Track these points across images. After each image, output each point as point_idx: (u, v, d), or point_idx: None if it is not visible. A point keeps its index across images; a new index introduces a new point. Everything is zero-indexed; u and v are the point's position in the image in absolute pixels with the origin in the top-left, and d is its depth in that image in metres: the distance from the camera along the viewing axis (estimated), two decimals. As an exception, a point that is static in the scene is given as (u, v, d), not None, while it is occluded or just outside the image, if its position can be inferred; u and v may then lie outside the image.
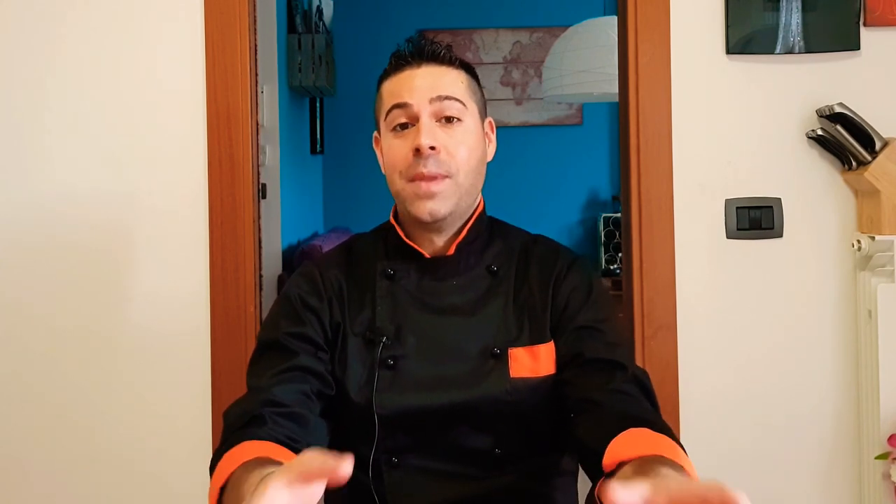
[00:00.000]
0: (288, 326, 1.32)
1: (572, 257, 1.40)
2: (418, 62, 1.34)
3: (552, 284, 1.35)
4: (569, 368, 1.28)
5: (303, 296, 1.35)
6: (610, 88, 3.63)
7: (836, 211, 1.94)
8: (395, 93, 1.33)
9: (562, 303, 1.34)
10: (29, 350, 1.94)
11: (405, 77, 1.33)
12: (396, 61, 1.36)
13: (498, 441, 1.29)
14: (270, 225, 3.72)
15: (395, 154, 1.32)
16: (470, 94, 1.36)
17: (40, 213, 1.94)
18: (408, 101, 1.31)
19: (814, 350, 1.94)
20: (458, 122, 1.32)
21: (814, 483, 1.94)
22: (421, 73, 1.33)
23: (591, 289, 1.36)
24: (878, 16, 1.91)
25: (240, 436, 1.14)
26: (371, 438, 1.28)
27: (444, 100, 1.31)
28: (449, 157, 1.30)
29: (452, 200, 1.31)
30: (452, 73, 1.35)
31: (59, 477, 1.94)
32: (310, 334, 1.32)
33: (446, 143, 1.30)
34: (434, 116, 1.31)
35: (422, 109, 1.30)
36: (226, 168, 1.92)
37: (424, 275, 1.36)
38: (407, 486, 1.30)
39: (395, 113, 1.32)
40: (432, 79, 1.32)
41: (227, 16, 1.92)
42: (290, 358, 1.27)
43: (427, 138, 1.28)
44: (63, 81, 1.94)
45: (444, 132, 1.31)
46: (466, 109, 1.33)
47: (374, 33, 5.23)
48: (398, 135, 1.33)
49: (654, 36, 1.93)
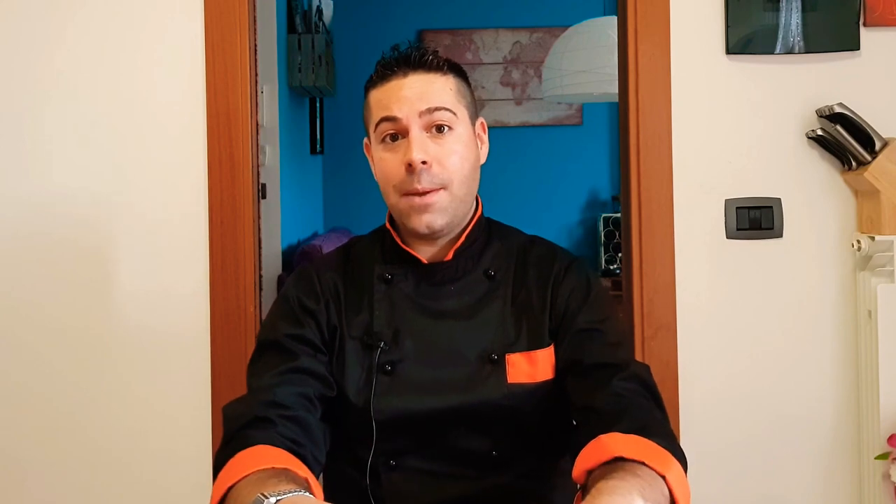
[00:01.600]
0: (287, 328, 1.32)
1: (569, 259, 1.40)
2: (405, 71, 1.32)
3: (550, 287, 1.35)
4: (570, 376, 1.28)
5: (300, 297, 1.35)
6: (610, 88, 3.63)
7: (836, 211, 1.94)
8: (383, 104, 1.31)
9: (561, 306, 1.33)
10: (28, 350, 1.94)
11: (392, 87, 1.31)
12: (383, 70, 1.33)
13: (495, 443, 1.29)
14: (270, 225, 3.72)
15: (388, 168, 1.31)
16: (459, 99, 1.34)
17: (40, 213, 1.94)
18: (396, 115, 1.29)
19: (814, 350, 1.94)
20: (448, 131, 1.31)
21: (814, 483, 1.94)
22: (408, 82, 1.31)
23: (590, 289, 1.36)
24: (878, 16, 1.91)
25: (248, 437, 1.15)
26: (369, 441, 1.28)
27: (434, 111, 1.29)
28: (441, 169, 1.29)
29: (448, 212, 1.31)
30: (440, 80, 1.32)
31: (59, 477, 1.94)
32: (308, 336, 1.31)
33: (438, 155, 1.29)
34: (424, 128, 1.30)
35: (411, 122, 1.29)
36: (226, 168, 1.92)
37: (422, 279, 1.35)
38: (404, 488, 1.30)
39: (385, 126, 1.31)
40: (420, 88, 1.30)
41: (227, 16, 1.92)
42: (291, 359, 1.27)
43: (418, 153, 1.27)
44: (63, 82, 1.93)
45: (434, 143, 1.30)
46: (457, 118, 1.32)
47: (374, 33, 5.23)
48: (388, 147, 1.31)
49: (654, 36, 1.93)
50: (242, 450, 1.11)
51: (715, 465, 1.91)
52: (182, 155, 1.93)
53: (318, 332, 1.33)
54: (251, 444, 1.13)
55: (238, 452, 1.11)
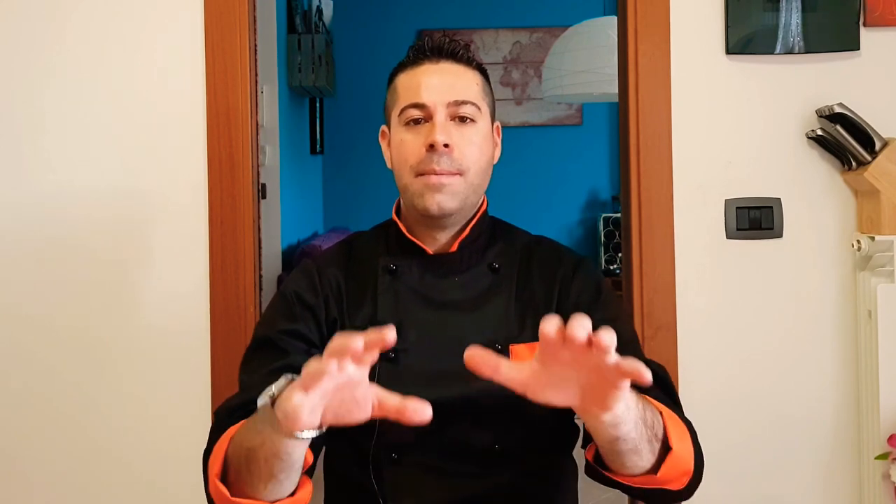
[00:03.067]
0: (282, 324, 1.33)
1: (577, 258, 1.42)
2: (436, 58, 1.36)
3: (559, 285, 1.37)
4: None
5: (299, 292, 1.36)
6: (610, 88, 3.63)
7: (836, 211, 1.94)
8: (411, 89, 1.35)
9: (571, 303, 1.34)
10: (27, 350, 1.94)
11: (422, 72, 1.35)
12: (415, 55, 1.37)
13: (498, 437, 1.30)
14: (270, 225, 3.72)
15: (407, 148, 1.34)
16: (483, 96, 1.38)
17: (39, 214, 1.94)
18: (425, 102, 1.33)
19: (814, 350, 1.94)
20: (471, 123, 1.34)
21: (814, 483, 1.94)
22: (438, 69, 1.35)
23: (600, 288, 1.38)
24: (878, 16, 1.91)
25: (227, 424, 1.18)
26: (371, 433, 1.28)
27: (461, 104, 1.33)
28: (461, 156, 1.32)
29: (460, 197, 1.33)
30: (469, 73, 1.37)
31: (59, 477, 1.94)
32: (303, 331, 1.33)
33: (459, 143, 1.32)
34: (449, 116, 1.33)
35: (437, 109, 1.32)
36: (226, 168, 1.92)
37: (427, 271, 1.36)
38: (407, 484, 1.30)
39: (410, 111, 1.34)
40: (450, 79, 1.34)
41: (227, 16, 1.92)
42: (282, 357, 1.29)
43: (442, 135, 1.31)
44: (63, 82, 1.93)
45: (457, 131, 1.33)
46: (480, 112, 1.36)
47: (374, 33, 5.24)
48: (411, 129, 1.34)
49: (654, 36, 1.93)
50: (218, 440, 1.16)
51: (715, 465, 1.89)
52: (182, 155, 1.93)
53: (316, 326, 1.34)
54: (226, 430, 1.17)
55: (215, 444, 1.15)
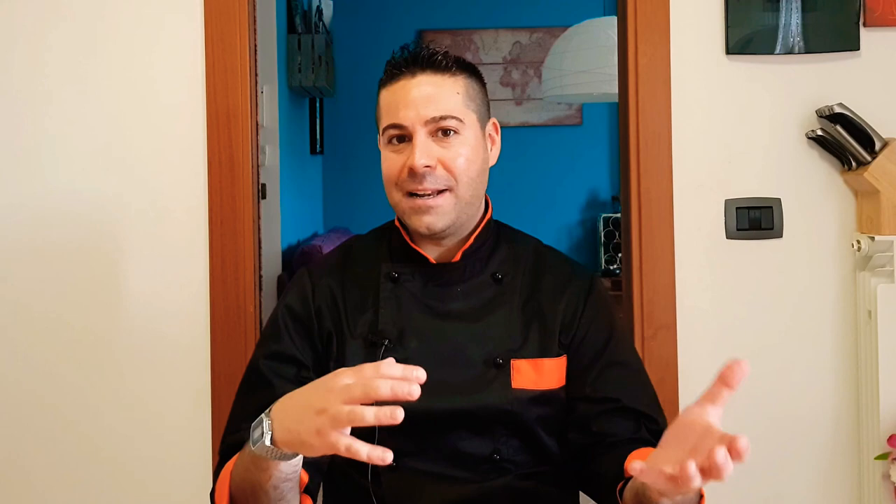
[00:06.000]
0: (271, 345, 1.34)
1: (587, 277, 1.41)
2: (413, 71, 1.31)
3: (568, 304, 1.36)
4: (592, 403, 1.31)
5: (290, 306, 1.36)
6: (610, 88, 3.63)
7: (836, 211, 1.94)
8: (390, 109, 1.31)
9: (582, 329, 1.35)
10: (27, 351, 1.94)
11: (400, 88, 1.31)
12: (392, 69, 1.33)
13: (497, 447, 1.30)
14: (270, 225, 3.72)
15: (391, 167, 1.31)
16: (467, 102, 1.33)
17: (39, 214, 1.94)
18: (402, 122, 1.29)
19: (814, 350, 1.94)
20: (454, 135, 1.30)
21: (814, 483, 1.94)
22: (416, 83, 1.30)
23: (613, 318, 1.38)
24: (878, 16, 1.91)
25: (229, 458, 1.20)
26: (370, 441, 1.28)
27: (441, 120, 1.29)
28: (446, 171, 1.29)
29: (451, 215, 1.30)
30: (449, 82, 1.31)
31: (57, 479, 1.94)
32: (290, 352, 1.33)
33: (443, 157, 1.29)
34: (430, 133, 1.29)
35: (416, 129, 1.28)
36: (226, 168, 1.92)
37: (429, 280, 1.35)
38: (405, 490, 1.29)
39: (391, 131, 1.31)
40: (428, 92, 1.29)
41: (227, 16, 1.92)
42: (266, 388, 1.28)
43: (423, 158, 1.27)
44: (62, 82, 1.93)
45: (440, 146, 1.29)
46: (464, 123, 1.31)
47: (374, 33, 5.23)
48: (394, 148, 1.31)
49: (654, 36, 1.93)
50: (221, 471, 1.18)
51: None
52: (182, 155, 1.93)
53: (308, 342, 1.34)
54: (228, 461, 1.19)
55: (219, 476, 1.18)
